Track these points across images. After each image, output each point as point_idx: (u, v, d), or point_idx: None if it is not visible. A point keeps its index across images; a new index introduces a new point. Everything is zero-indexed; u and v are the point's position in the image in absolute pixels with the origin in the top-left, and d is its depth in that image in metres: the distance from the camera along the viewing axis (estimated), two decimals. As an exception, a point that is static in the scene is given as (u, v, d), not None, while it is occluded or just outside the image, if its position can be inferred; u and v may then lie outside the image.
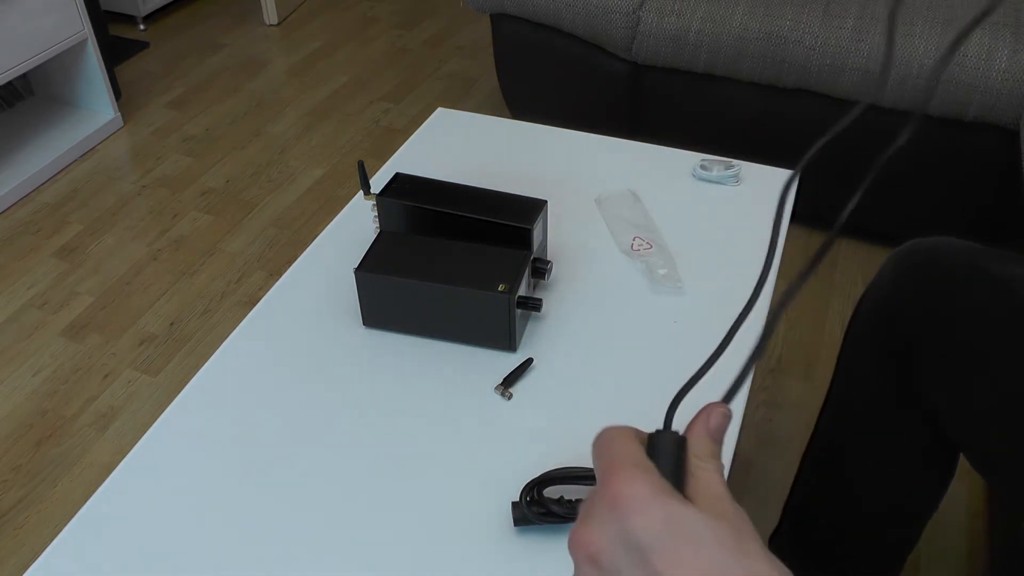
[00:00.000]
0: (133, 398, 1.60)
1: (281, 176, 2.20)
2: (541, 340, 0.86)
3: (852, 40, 1.63)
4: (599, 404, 0.80)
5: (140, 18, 2.86)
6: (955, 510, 1.37)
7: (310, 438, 0.77)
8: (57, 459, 1.49)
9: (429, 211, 0.89)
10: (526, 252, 0.85)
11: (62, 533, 0.70)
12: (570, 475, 0.69)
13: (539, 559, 0.67)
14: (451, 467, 0.74)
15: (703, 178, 1.08)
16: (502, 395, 0.81)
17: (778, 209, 0.42)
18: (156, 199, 2.12)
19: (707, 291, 0.92)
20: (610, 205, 1.03)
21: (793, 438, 1.48)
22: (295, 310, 0.90)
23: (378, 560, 0.68)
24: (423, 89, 2.56)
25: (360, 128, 2.38)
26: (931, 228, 1.85)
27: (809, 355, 1.65)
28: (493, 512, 0.71)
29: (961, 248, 0.87)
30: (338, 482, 0.73)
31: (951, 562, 1.30)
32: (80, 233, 2.01)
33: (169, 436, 0.78)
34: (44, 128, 2.30)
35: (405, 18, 2.98)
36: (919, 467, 0.94)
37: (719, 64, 1.75)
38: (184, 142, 2.33)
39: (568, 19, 1.86)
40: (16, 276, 1.89)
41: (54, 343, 1.71)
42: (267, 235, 2.00)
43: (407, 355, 0.85)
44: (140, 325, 1.75)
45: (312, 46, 2.80)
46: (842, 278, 1.83)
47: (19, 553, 1.35)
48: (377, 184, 0.94)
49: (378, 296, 0.85)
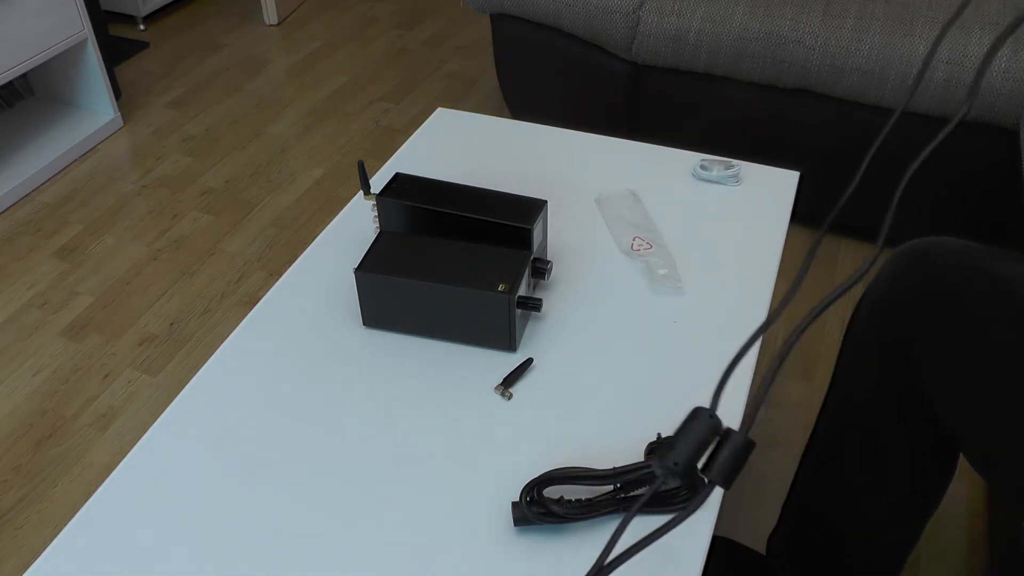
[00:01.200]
0: (133, 398, 1.60)
1: (281, 176, 2.20)
2: (541, 340, 0.86)
3: (852, 40, 1.63)
4: (599, 404, 0.80)
5: (140, 18, 2.86)
6: (955, 510, 1.37)
7: (310, 438, 0.77)
8: (57, 459, 1.49)
9: (429, 211, 0.89)
10: (526, 252, 0.85)
11: (62, 533, 0.70)
12: (570, 475, 0.69)
13: (539, 559, 0.67)
14: (451, 467, 0.74)
15: (703, 178, 1.08)
16: (502, 395, 0.81)
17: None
18: (156, 199, 2.12)
19: (707, 291, 0.92)
20: (610, 205, 1.03)
21: (793, 438, 1.48)
22: (295, 310, 0.90)
23: (378, 560, 0.68)
24: (423, 89, 2.56)
25: (360, 128, 2.38)
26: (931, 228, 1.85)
27: (809, 355, 1.65)
28: (493, 512, 0.71)
29: (961, 248, 0.87)
30: (338, 482, 0.73)
31: (951, 562, 1.30)
32: (80, 233, 2.01)
33: (169, 436, 0.78)
34: (44, 128, 2.30)
35: (405, 18, 2.98)
36: (919, 467, 0.94)
37: (719, 64, 1.75)
38: (184, 142, 2.33)
39: (568, 19, 1.86)
40: (16, 276, 1.89)
41: (54, 343, 1.71)
42: (267, 235, 2.00)
43: (407, 355, 0.85)
44: (140, 325, 1.75)
45: (312, 46, 2.80)
46: (842, 278, 1.83)
47: (19, 553, 1.35)
48: (377, 184, 0.94)
49: (378, 296, 0.85)
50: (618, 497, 0.69)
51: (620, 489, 0.69)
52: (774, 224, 1.01)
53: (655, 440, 0.73)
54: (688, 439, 0.45)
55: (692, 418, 0.45)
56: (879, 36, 1.61)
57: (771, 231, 1.00)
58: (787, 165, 1.13)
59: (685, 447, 0.44)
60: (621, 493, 0.69)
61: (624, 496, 0.69)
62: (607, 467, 0.69)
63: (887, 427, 0.93)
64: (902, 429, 0.92)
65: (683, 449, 0.45)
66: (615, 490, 0.69)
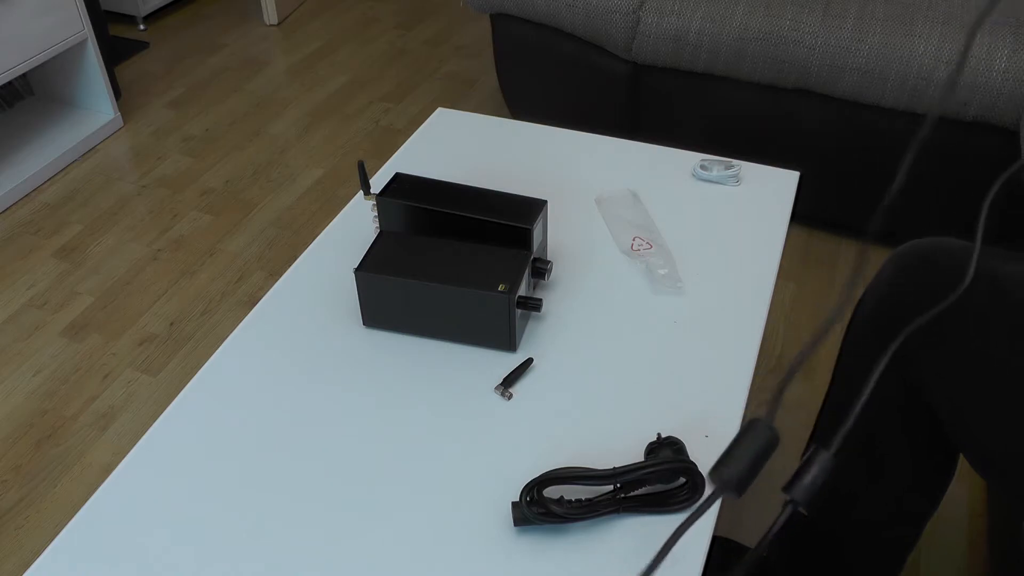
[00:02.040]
0: (133, 398, 1.60)
1: (281, 176, 2.20)
2: (541, 340, 0.86)
3: (852, 40, 1.63)
4: (599, 404, 0.80)
5: (140, 18, 2.86)
6: (955, 510, 1.37)
7: (310, 438, 0.77)
8: (57, 459, 1.49)
9: (429, 211, 0.89)
10: (526, 252, 0.85)
11: (62, 533, 0.70)
12: (570, 475, 0.69)
13: (539, 559, 0.67)
14: (451, 467, 0.74)
15: (703, 178, 1.08)
16: (502, 395, 0.81)
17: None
18: (156, 199, 2.12)
19: (707, 291, 0.92)
20: (610, 205, 1.03)
21: (793, 438, 1.47)
22: (295, 310, 0.90)
23: (378, 560, 0.68)
24: (423, 89, 2.56)
25: (360, 128, 2.38)
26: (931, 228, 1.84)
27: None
28: (493, 512, 0.71)
29: (961, 248, 0.87)
30: (338, 482, 0.73)
31: (951, 562, 1.30)
32: (80, 233, 2.01)
33: (169, 436, 0.78)
34: (44, 128, 2.30)
35: (405, 18, 2.98)
36: (919, 467, 0.94)
37: (719, 64, 1.75)
38: (184, 142, 2.33)
39: (568, 19, 1.86)
40: (16, 276, 1.89)
41: (54, 343, 1.71)
42: (267, 235, 2.00)
43: (407, 355, 0.85)
44: (140, 325, 1.75)
45: (312, 46, 2.80)
46: (842, 278, 1.83)
47: (19, 553, 1.35)
48: (377, 184, 0.94)
49: (378, 296, 0.85)
50: (618, 497, 0.69)
51: (620, 489, 0.69)
52: (774, 224, 1.01)
53: (655, 440, 0.73)
54: (746, 451, 0.44)
55: (749, 429, 0.44)
56: (879, 36, 1.61)
57: (771, 231, 1.00)
58: (787, 165, 1.13)
59: (743, 460, 0.43)
60: (621, 493, 0.69)
61: (624, 496, 0.69)
62: (607, 467, 0.69)
63: (887, 427, 0.93)
64: (902, 429, 0.92)
65: (740, 463, 0.43)
66: (615, 490, 0.69)
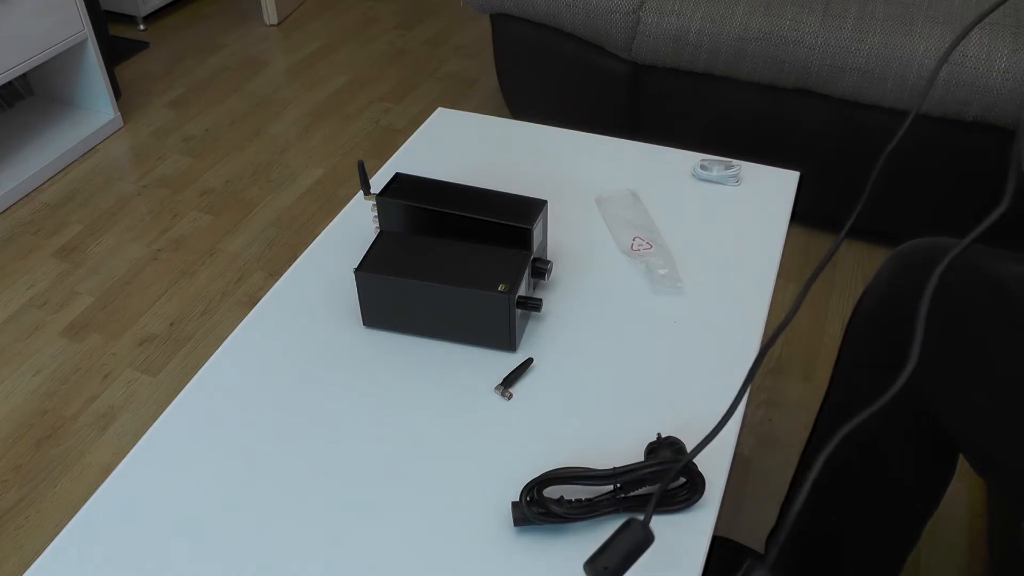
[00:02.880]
0: (133, 398, 1.60)
1: (281, 176, 2.20)
2: (541, 340, 0.86)
3: (852, 40, 1.63)
4: (599, 404, 0.80)
5: (140, 18, 2.86)
6: (955, 510, 1.37)
7: (310, 438, 0.77)
8: (57, 459, 1.49)
9: (429, 211, 0.89)
10: (526, 252, 0.85)
11: (62, 533, 0.70)
12: (570, 475, 0.69)
13: (539, 559, 0.67)
14: (451, 467, 0.74)
15: (703, 178, 1.08)
16: (502, 395, 0.81)
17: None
18: (156, 199, 2.12)
19: (707, 291, 0.92)
20: (610, 205, 1.03)
21: (793, 438, 1.48)
22: (295, 310, 0.90)
23: (378, 560, 0.68)
24: (423, 89, 2.56)
25: (360, 128, 2.38)
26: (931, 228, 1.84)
27: (809, 355, 1.65)
28: (493, 512, 0.71)
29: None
30: (338, 482, 0.73)
31: (951, 562, 1.30)
32: (80, 233, 2.01)
33: (169, 436, 0.78)
34: (44, 128, 2.30)
35: (405, 18, 2.98)
36: (919, 467, 0.94)
37: (719, 64, 1.75)
38: (184, 142, 2.33)
39: (568, 19, 1.86)
40: (16, 276, 1.89)
41: (54, 343, 1.71)
42: (267, 235, 2.00)
43: (407, 355, 0.85)
44: (140, 325, 1.75)
45: (312, 46, 2.80)
46: (842, 278, 1.83)
47: (19, 553, 1.35)
48: (377, 184, 0.94)
49: (378, 296, 0.85)
50: (618, 497, 0.69)
51: (620, 489, 0.69)
52: (774, 224, 1.01)
53: (655, 440, 0.73)
54: (619, 548, 0.49)
55: (625, 528, 0.49)
56: (879, 36, 1.61)
57: (771, 231, 1.00)
58: (787, 165, 1.13)
59: (616, 556, 0.48)
60: (621, 493, 0.69)
61: (624, 496, 0.69)
62: (607, 467, 0.69)
63: (887, 427, 0.93)
64: (902, 429, 0.92)
65: (613, 558, 0.50)
66: (615, 490, 0.69)
